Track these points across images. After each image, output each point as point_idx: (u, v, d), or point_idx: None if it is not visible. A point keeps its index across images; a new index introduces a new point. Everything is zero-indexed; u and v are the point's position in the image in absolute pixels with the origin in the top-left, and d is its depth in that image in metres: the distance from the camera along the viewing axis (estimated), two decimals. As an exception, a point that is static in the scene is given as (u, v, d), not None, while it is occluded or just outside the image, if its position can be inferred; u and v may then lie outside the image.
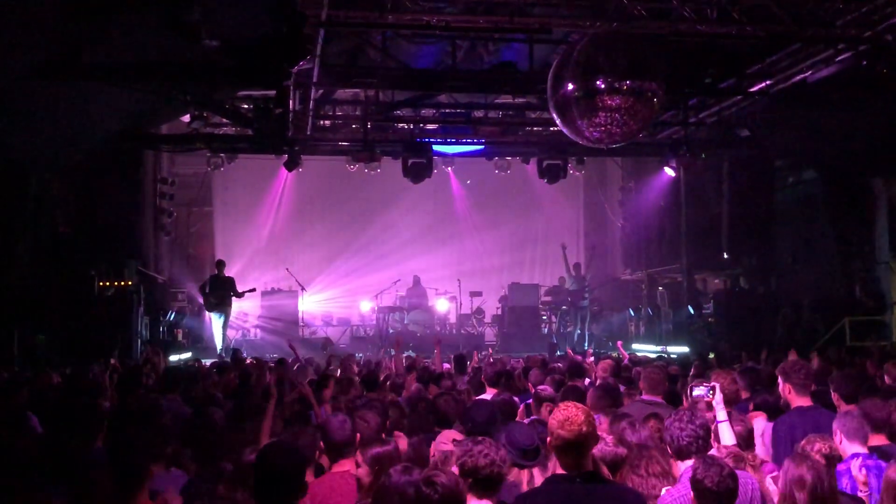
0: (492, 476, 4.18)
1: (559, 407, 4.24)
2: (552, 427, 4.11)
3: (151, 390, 8.99)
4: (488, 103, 16.81)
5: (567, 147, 15.48)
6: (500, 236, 23.90)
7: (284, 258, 21.60)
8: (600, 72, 9.18)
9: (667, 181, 19.93)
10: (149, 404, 6.96)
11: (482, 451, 4.23)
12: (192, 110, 15.62)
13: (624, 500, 4.09)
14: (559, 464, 4.17)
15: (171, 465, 5.64)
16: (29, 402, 8.17)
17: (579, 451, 4.04)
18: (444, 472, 3.99)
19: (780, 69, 12.52)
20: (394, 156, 16.76)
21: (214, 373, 10.87)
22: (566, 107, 9.43)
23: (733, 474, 4.16)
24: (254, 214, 22.99)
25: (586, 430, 4.02)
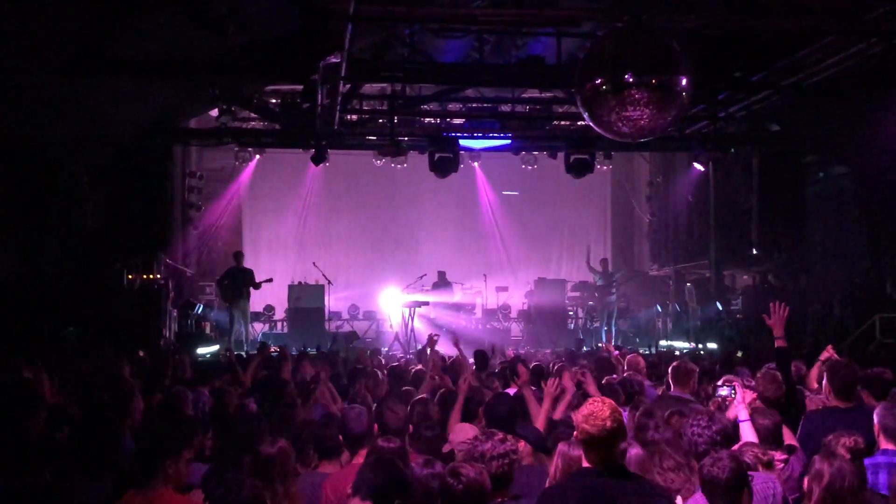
0: (499, 472, 4.26)
1: (586, 402, 4.23)
2: (577, 421, 4.11)
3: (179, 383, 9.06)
4: (515, 97, 16.77)
5: (595, 141, 15.41)
6: (527, 232, 23.83)
7: (311, 252, 21.66)
8: (628, 66, 9.09)
9: (695, 176, 19.79)
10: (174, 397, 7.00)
11: (492, 447, 4.33)
12: (220, 105, 15.73)
13: (650, 494, 4.07)
14: (585, 458, 4.16)
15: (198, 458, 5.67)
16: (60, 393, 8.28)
17: (605, 445, 4.03)
18: (471, 465, 4.00)
19: (811, 63, 12.37)
20: (420, 150, 16.77)
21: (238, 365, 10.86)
22: (594, 101, 9.35)
23: (741, 468, 4.13)
24: (281, 208, 23.08)
25: (611, 425, 4.01)
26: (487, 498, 3.95)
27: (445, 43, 13.88)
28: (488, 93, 16.34)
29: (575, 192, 22.72)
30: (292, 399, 7.11)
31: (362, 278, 22.50)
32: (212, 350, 17.02)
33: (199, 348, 16.51)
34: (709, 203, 19.89)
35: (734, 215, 19.24)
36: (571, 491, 4.06)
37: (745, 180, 18.63)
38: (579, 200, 23.53)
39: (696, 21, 10.78)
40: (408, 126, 16.57)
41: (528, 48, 14.13)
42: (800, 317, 16.86)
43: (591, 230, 24.42)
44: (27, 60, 10.32)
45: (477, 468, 4.00)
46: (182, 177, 19.59)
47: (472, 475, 3.87)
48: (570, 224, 24.08)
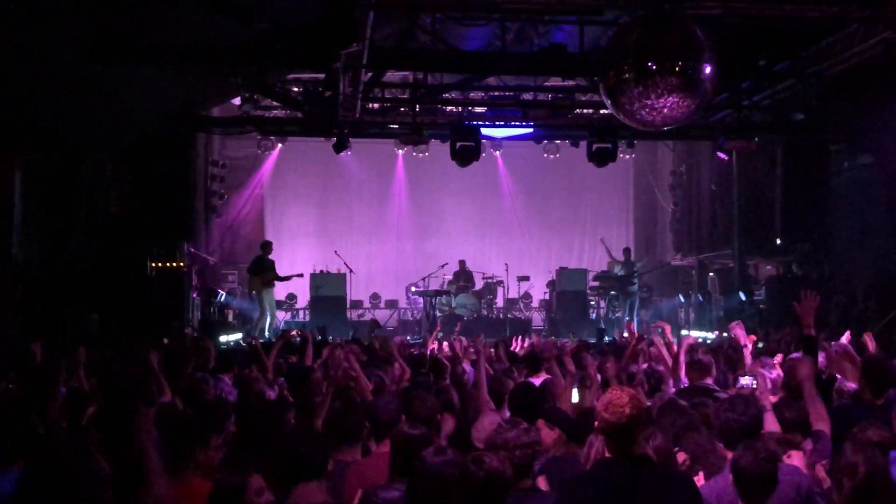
0: (523, 461, 4.27)
1: (608, 391, 4.23)
2: (598, 410, 4.10)
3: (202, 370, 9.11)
4: (537, 85, 16.71)
5: (617, 130, 15.34)
6: (548, 221, 23.81)
7: (333, 240, 21.72)
8: (652, 54, 9.04)
9: (719, 165, 19.67)
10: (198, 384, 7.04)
11: (515, 436, 4.33)
12: (242, 93, 15.79)
13: (672, 483, 4.06)
14: (607, 448, 4.15)
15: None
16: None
17: (625, 434, 4.01)
18: (496, 455, 4.00)
19: (836, 51, 12.25)
20: (442, 139, 16.77)
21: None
22: (617, 89, 9.30)
23: (773, 458, 4.13)
24: (303, 197, 23.18)
25: (629, 412, 3.97)
26: (509, 486, 3.96)
27: (467, 31, 13.86)
28: (510, 81, 16.28)
29: (597, 181, 22.66)
30: (317, 386, 7.11)
31: (384, 267, 22.58)
32: (234, 338, 17.14)
33: (222, 336, 16.63)
34: (732, 192, 19.76)
35: (758, 205, 19.11)
36: (592, 481, 4.06)
37: (769, 170, 18.49)
38: (601, 189, 23.47)
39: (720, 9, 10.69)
40: (429, 114, 16.54)
41: (551, 36, 14.09)
42: (823, 307, 16.74)
43: (613, 219, 24.36)
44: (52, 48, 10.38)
45: (500, 457, 4.00)
46: (205, 165, 19.69)
47: (496, 464, 3.88)
48: (592, 213, 24.03)
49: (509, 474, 3.92)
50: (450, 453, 4.17)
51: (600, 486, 3.99)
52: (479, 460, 3.89)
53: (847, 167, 17.57)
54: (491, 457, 3.96)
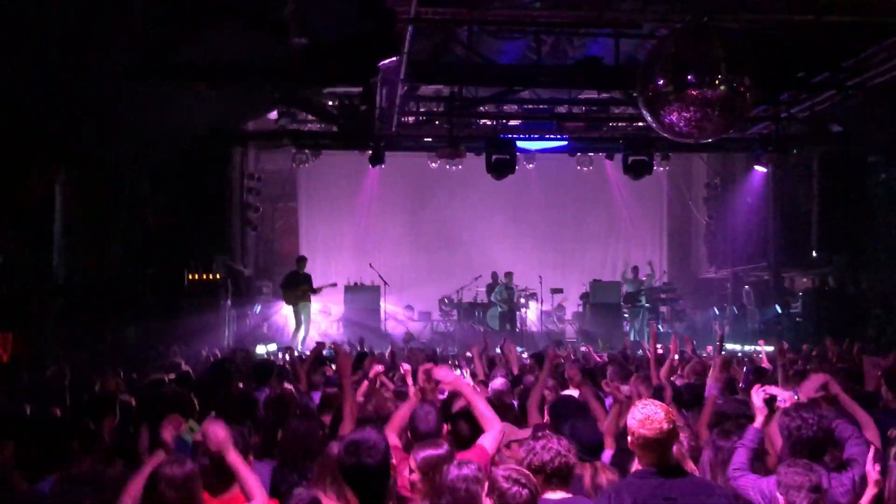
0: (560, 468, 4.28)
1: (637, 405, 4.23)
2: (632, 427, 4.13)
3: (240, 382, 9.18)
4: (572, 98, 16.71)
5: (654, 142, 15.31)
6: (582, 233, 23.73)
7: (367, 253, 21.78)
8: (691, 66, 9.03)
9: (754, 177, 19.56)
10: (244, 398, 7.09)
11: (545, 445, 4.35)
12: (279, 107, 15.93)
13: (709, 492, 4.10)
14: (640, 461, 4.19)
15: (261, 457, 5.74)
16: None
17: (661, 447, 4.08)
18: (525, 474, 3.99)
19: (876, 63, 12.16)
20: (476, 151, 16.79)
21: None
22: (656, 102, 9.30)
23: (824, 424, 4.23)
24: (337, 210, 23.27)
25: (667, 427, 4.05)
26: None
27: (502, 44, 13.89)
28: (544, 94, 16.29)
29: (631, 194, 22.58)
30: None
31: (417, 279, 22.59)
32: (270, 349, 17.25)
33: (258, 347, 16.74)
34: (768, 204, 19.64)
35: (794, 217, 18.98)
36: (628, 491, 4.09)
37: (806, 181, 18.37)
38: (635, 202, 23.34)
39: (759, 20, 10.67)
40: (464, 127, 16.59)
41: (586, 49, 14.09)
42: (860, 319, 16.60)
43: (646, 232, 24.24)
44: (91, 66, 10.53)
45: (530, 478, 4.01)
46: (241, 178, 19.85)
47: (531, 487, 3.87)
48: (625, 226, 23.91)
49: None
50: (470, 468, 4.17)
51: (638, 495, 4.02)
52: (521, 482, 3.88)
53: (884, 178, 17.39)
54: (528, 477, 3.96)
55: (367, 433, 3.83)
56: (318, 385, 8.96)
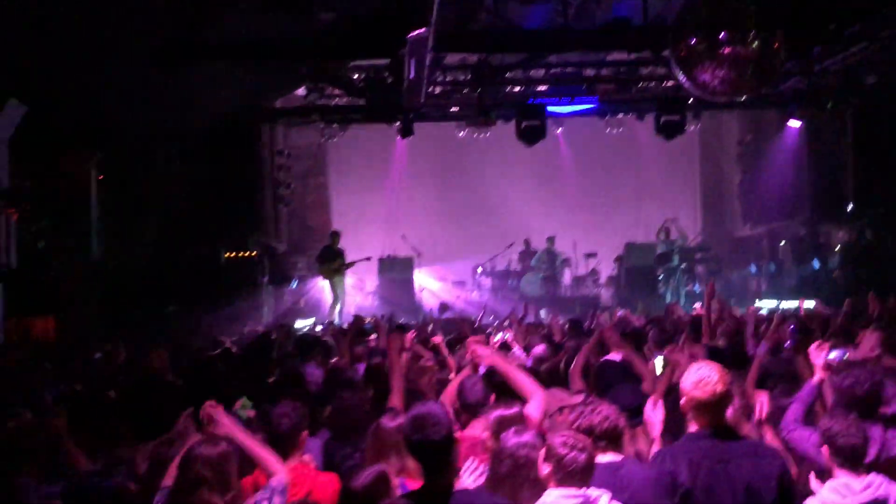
0: (609, 430, 4.29)
1: (691, 367, 4.24)
2: (685, 388, 4.14)
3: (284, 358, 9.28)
4: (600, 60, 16.53)
5: (685, 102, 15.15)
6: (614, 196, 23.55)
7: (399, 225, 21.82)
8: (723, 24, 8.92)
9: (788, 133, 19.33)
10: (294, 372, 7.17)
11: (594, 408, 4.37)
12: (307, 83, 15.94)
13: (761, 454, 4.10)
14: (694, 423, 4.18)
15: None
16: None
17: (715, 409, 4.08)
18: None
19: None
20: (504, 119, 16.71)
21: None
22: (688, 61, 9.20)
23: (865, 433, 4.13)
24: (367, 183, 23.29)
25: (721, 389, 4.05)
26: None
27: (528, 9, 13.74)
28: (571, 57, 16.13)
29: (662, 154, 22.24)
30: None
31: (450, 249, 22.60)
32: (307, 323, 17.40)
33: (296, 323, 16.89)
34: (802, 159, 19.43)
35: (829, 171, 18.77)
36: (682, 453, 4.10)
37: (840, 134, 18.14)
38: (667, 162, 23.05)
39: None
40: (493, 95, 16.49)
41: (613, 10, 13.90)
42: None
43: (679, 191, 24.03)
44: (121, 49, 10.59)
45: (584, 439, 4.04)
46: (270, 155, 19.93)
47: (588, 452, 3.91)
48: (658, 186, 23.69)
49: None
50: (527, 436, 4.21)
51: (692, 457, 4.03)
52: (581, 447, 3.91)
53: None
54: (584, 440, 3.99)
55: (431, 408, 3.87)
56: (360, 358, 9.03)
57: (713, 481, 3.94)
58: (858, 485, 3.94)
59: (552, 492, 3.80)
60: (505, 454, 4.11)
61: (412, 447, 3.83)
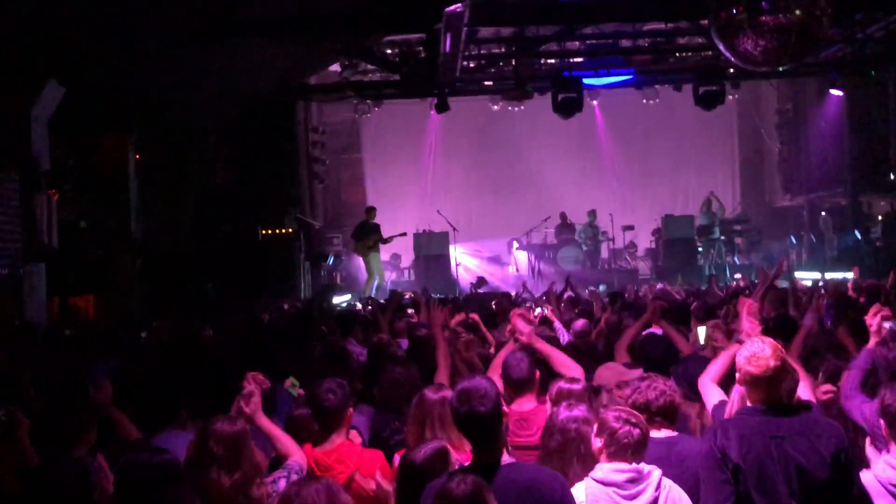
0: (664, 406, 4.32)
1: (747, 343, 4.21)
2: (739, 363, 4.09)
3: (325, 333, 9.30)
4: (636, 31, 16.35)
5: (724, 71, 14.95)
6: (651, 167, 23.38)
7: (434, 200, 21.82)
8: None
9: (828, 101, 19.04)
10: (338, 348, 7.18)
11: (650, 384, 4.40)
12: (342, 59, 15.91)
13: (818, 432, 4.00)
14: (749, 398, 4.13)
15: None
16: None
17: (769, 385, 4.01)
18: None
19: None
20: (540, 91, 16.59)
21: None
22: (729, 30, 9.07)
23: None
24: (402, 158, 23.31)
25: (774, 363, 3.97)
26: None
27: (563, -20, 13.61)
28: (607, 28, 15.97)
29: (700, 124, 22.00)
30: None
31: (485, 223, 22.58)
32: (345, 299, 17.48)
33: (333, 299, 16.97)
34: (843, 128, 19.13)
35: (871, 140, 18.48)
36: (735, 428, 4.04)
37: (882, 103, 17.83)
38: (705, 132, 22.81)
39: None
40: (528, 68, 16.37)
41: (650, -21, 13.73)
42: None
43: (717, 162, 23.81)
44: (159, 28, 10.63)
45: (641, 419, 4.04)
46: (305, 132, 19.98)
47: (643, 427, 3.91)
48: (696, 157, 23.46)
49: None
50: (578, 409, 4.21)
51: (745, 432, 3.98)
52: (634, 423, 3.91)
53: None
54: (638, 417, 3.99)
55: (478, 382, 3.87)
56: (400, 333, 9.05)
57: (765, 458, 3.89)
58: None
59: (604, 465, 3.80)
60: (556, 428, 4.12)
61: (459, 420, 3.84)
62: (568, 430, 4.08)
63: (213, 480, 3.92)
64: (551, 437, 4.13)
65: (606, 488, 3.78)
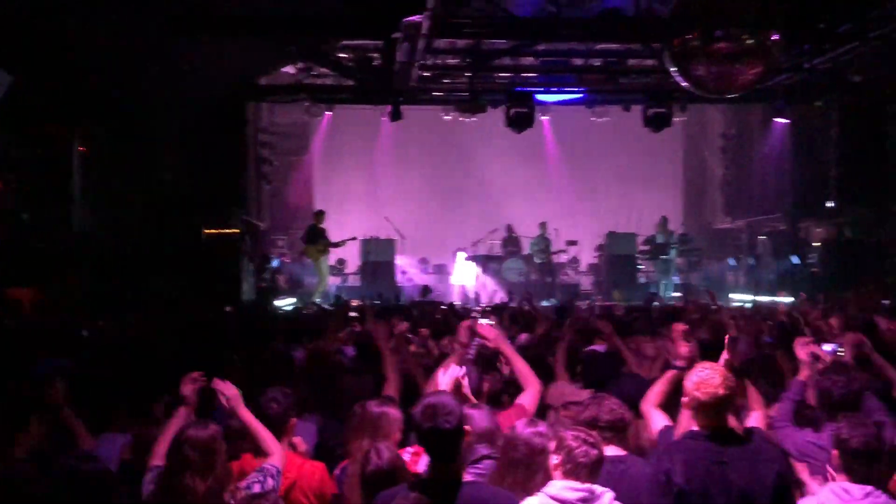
0: (613, 422, 4.42)
1: (696, 368, 4.30)
2: (688, 388, 4.18)
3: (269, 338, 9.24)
4: (589, 50, 16.54)
5: (673, 94, 15.20)
6: (597, 184, 23.67)
7: (382, 207, 21.75)
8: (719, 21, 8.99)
9: (772, 128, 19.47)
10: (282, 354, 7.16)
11: (600, 401, 4.53)
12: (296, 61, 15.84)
13: (760, 460, 4.11)
14: (695, 422, 4.23)
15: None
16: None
17: (715, 411, 4.12)
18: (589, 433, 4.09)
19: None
20: (492, 104, 16.69)
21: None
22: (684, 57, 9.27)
23: (880, 436, 4.17)
24: (352, 163, 23.26)
25: (722, 391, 4.08)
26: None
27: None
28: (561, 46, 16.13)
29: (646, 144, 22.18)
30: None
31: (432, 233, 22.60)
32: (289, 303, 17.39)
33: (276, 301, 16.87)
34: (785, 154, 19.58)
35: (811, 167, 18.94)
36: (680, 452, 4.14)
37: (824, 132, 18.29)
38: (651, 152, 23.01)
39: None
40: (483, 81, 16.46)
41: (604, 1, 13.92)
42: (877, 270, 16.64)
43: (662, 182, 24.13)
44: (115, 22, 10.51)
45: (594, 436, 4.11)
46: (255, 133, 19.81)
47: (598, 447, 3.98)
48: (641, 176, 23.77)
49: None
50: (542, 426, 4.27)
51: (690, 457, 4.08)
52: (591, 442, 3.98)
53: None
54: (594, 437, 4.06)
55: (444, 398, 3.91)
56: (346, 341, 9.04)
57: (708, 483, 3.98)
58: (859, 491, 3.99)
59: (557, 482, 3.85)
60: (520, 441, 4.15)
61: (422, 435, 3.87)
62: (533, 444, 4.12)
63: (188, 486, 3.93)
64: (515, 449, 4.15)
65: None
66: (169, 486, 4.00)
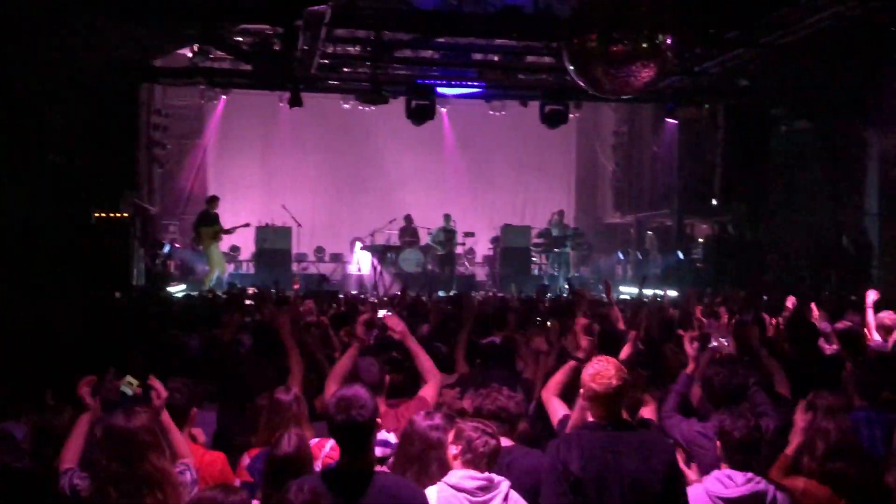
0: (496, 412, 4.61)
1: (592, 360, 4.46)
2: (584, 380, 4.34)
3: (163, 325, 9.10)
4: (488, 45, 16.74)
5: (571, 92, 15.51)
6: (493, 177, 24.02)
7: (279, 194, 21.53)
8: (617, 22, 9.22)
9: (661, 127, 20.07)
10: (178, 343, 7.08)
11: (487, 392, 4.73)
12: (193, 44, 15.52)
13: (652, 448, 4.30)
14: (591, 413, 4.39)
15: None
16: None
17: (611, 402, 4.28)
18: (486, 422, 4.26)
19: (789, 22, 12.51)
20: (393, 95, 16.71)
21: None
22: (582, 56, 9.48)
23: (759, 427, 4.43)
24: (248, 149, 22.95)
25: (616, 383, 4.24)
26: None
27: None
28: (461, 39, 16.27)
29: (541, 140, 22.65)
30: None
31: (329, 221, 22.53)
32: (180, 290, 17.06)
33: (168, 288, 16.55)
34: (673, 153, 20.21)
35: (698, 166, 19.59)
36: (577, 443, 4.27)
37: (711, 132, 18.94)
38: (545, 147, 23.52)
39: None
40: (384, 72, 16.46)
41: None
42: (758, 266, 17.37)
43: (555, 177, 24.66)
44: None
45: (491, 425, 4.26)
46: (147, 115, 19.32)
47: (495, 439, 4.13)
48: (535, 171, 24.21)
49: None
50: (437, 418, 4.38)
51: (585, 447, 4.22)
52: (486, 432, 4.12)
53: (785, 131, 18.07)
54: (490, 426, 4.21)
55: (357, 390, 3.97)
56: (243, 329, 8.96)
57: (603, 472, 4.13)
58: (741, 478, 4.24)
59: (457, 472, 3.98)
60: (416, 435, 4.26)
61: (335, 427, 3.92)
62: (430, 438, 4.22)
63: (159, 469, 3.98)
64: (412, 444, 4.26)
65: (458, 493, 3.96)
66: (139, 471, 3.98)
